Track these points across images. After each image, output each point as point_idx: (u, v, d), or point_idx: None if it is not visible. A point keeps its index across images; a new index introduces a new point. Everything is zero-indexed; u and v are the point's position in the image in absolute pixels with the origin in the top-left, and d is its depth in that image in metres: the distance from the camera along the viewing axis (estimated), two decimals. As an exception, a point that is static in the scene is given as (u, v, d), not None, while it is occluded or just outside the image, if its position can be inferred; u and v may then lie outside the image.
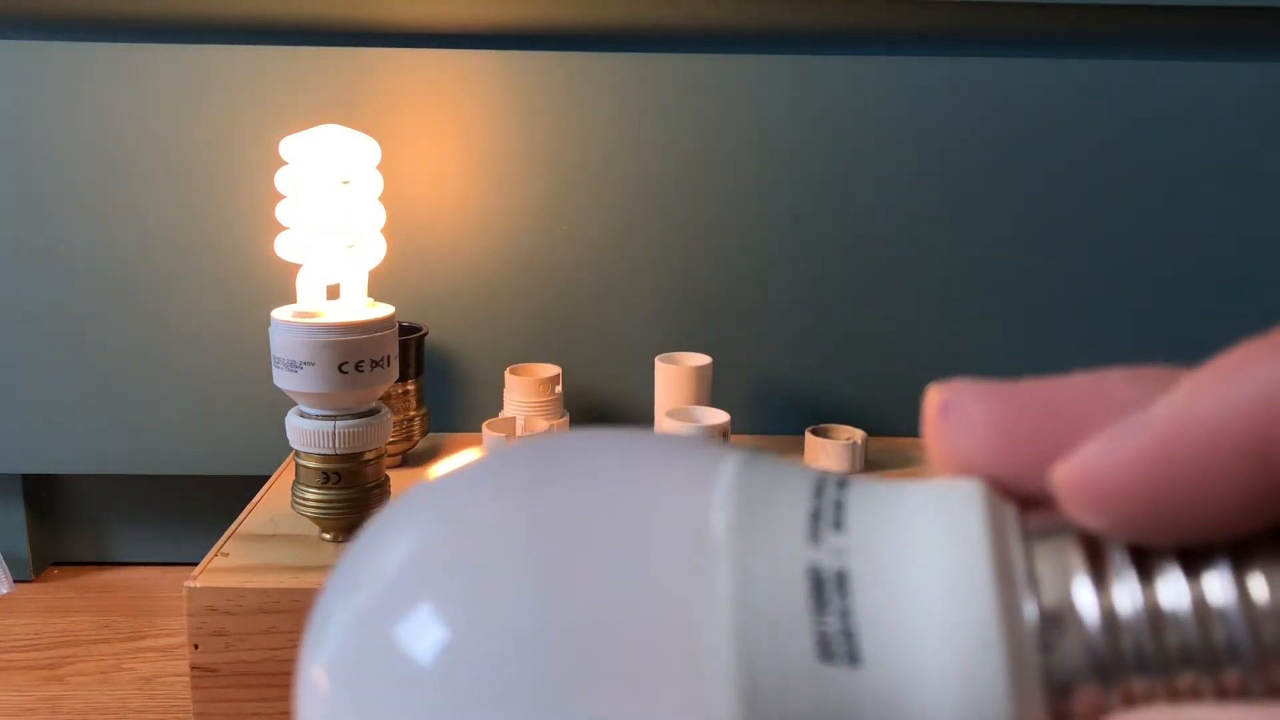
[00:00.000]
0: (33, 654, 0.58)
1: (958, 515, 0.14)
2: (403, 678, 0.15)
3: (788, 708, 0.13)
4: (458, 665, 0.14)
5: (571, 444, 0.17)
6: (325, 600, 0.17)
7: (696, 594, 0.14)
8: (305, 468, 0.48)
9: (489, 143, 0.62)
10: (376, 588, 0.16)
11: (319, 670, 0.16)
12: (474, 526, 0.16)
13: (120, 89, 0.61)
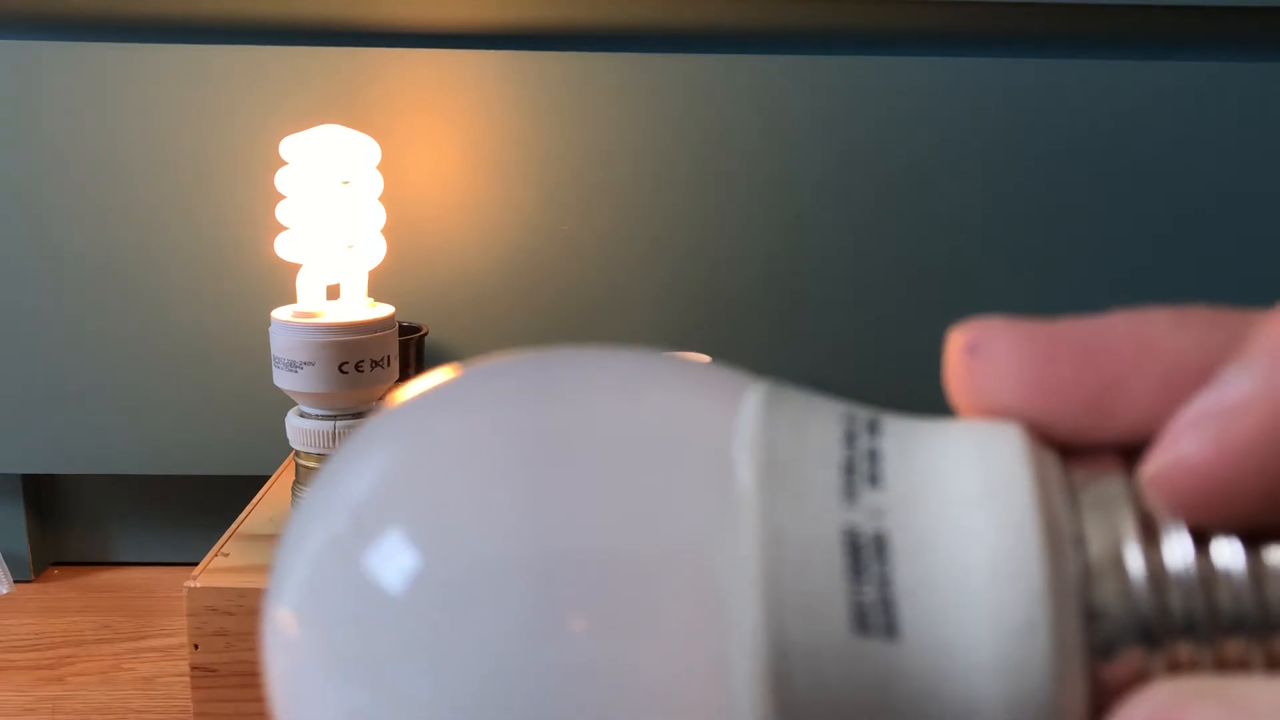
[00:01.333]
0: (33, 654, 0.58)
1: (1001, 472, 0.13)
2: (375, 611, 0.14)
3: (818, 682, 0.12)
4: (431, 595, 0.13)
5: (564, 359, 0.15)
6: (289, 536, 0.15)
7: (719, 548, 0.13)
8: (305, 468, 0.48)
9: (489, 143, 0.62)
10: (342, 516, 0.15)
11: (285, 612, 0.15)
12: (450, 444, 0.15)
13: (120, 89, 0.61)
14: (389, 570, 0.14)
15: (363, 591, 0.14)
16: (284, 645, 0.15)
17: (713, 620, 0.13)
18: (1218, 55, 0.63)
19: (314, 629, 0.14)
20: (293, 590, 0.15)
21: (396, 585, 0.13)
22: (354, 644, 0.14)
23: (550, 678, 0.13)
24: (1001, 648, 0.12)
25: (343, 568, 0.14)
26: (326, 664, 0.14)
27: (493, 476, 0.14)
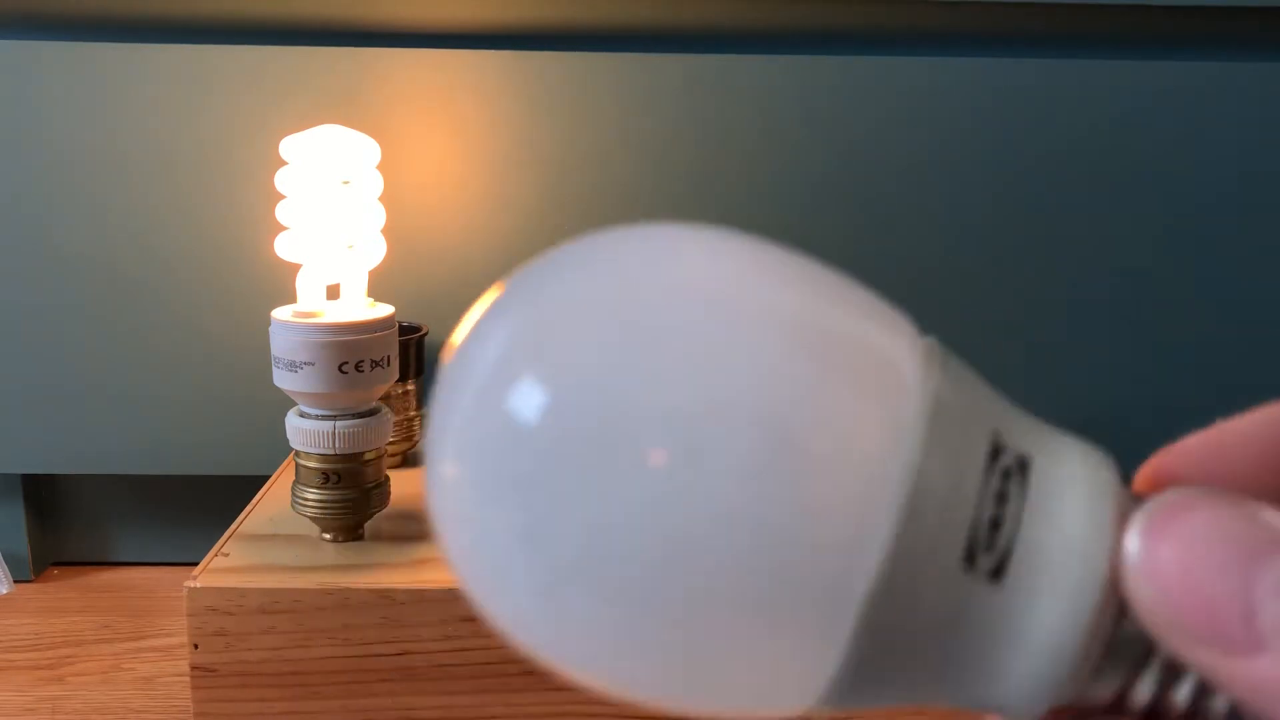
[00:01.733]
0: (33, 654, 0.58)
1: (1097, 474, 0.16)
2: (524, 447, 0.16)
3: (916, 596, 0.15)
4: (569, 425, 0.16)
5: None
6: (440, 397, 0.17)
7: (880, 429, 0.15)
8: (305, 468, 0.48)
9: (489, 143, 0.62)
10: (484, 371, 0.17)
11: (448, 465, 0.17)
12: (579, 302, 0.17)
13: (120, 89, 0.61)
14: (530, 408, 0.16)
15: (511, 427, 0.16)
16: (449, 492, 0.17)
17: (841, 494, 0.15)
18: (1218, 55, 0.63)
19: (472, 471, 0.17)
20: (451, 443, 0.17)
21: (538, 420, 0.16)
22: (512, 469, 0.16)
23: (686, 506, 0.15)
24: (1072, 611, 0.15)
25: (490, 414, 0.16)
26: (489, 494, 0.16)
27: (615, 333, 0.16)
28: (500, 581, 0.17)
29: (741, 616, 0.15)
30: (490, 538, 0.17)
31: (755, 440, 0.15)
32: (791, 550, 0.15)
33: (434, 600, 0.44)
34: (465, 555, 0.18)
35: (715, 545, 0.15)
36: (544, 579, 0.16)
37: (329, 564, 0.47)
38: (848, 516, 0.15)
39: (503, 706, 0.46)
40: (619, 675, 0.19)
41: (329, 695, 0.45)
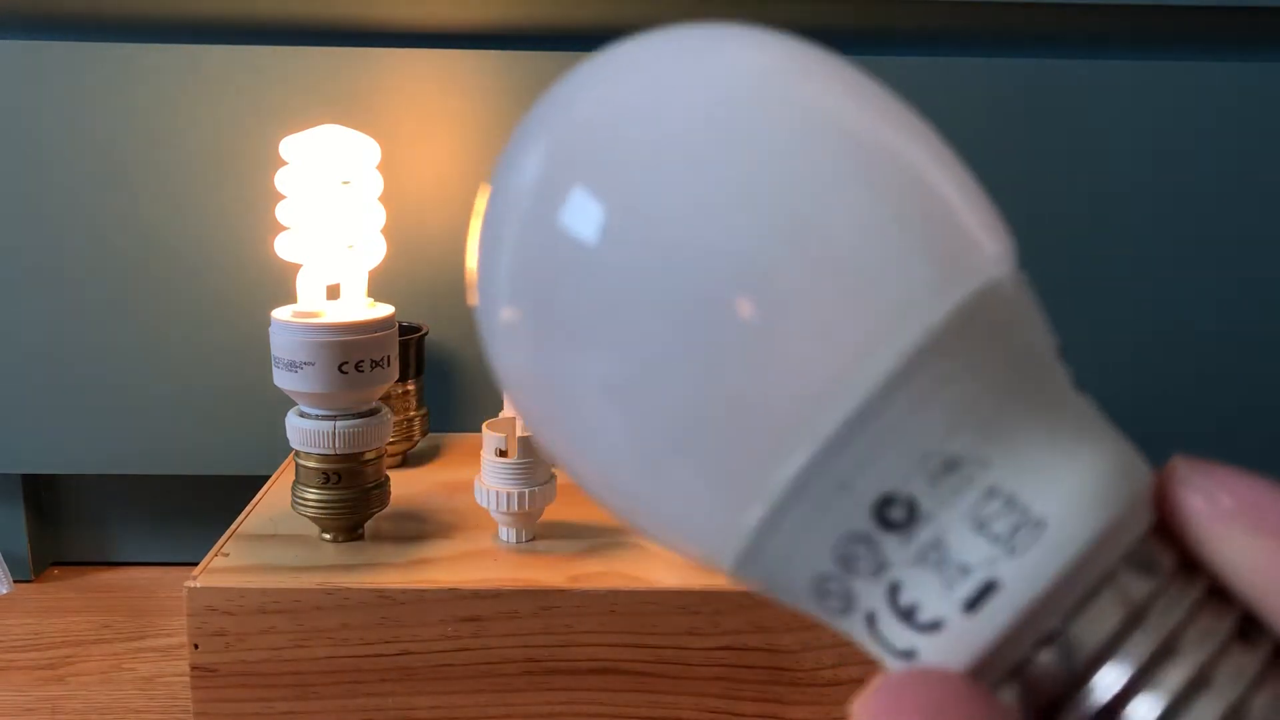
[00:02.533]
0: (33, 654, 0.58)
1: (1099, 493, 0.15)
2: (581, 264, 0.15)
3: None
4: (628, 235, 0.15)
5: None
6: (483, 242, 0.17)
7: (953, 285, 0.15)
8: (305, 468, 0.48)
9: (489, 143, 0.62)
10: (526, 199, 0.16)
11: (506, 310, 0.16)
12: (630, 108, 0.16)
13: (120, 89, 0.61)
14: (583, 224, 0.15)
15: (566, 250, 0.15)
16: (514, 336, 0.16)
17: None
18: (1218, 55, 0.63)
19: (532, 306, 0.16)
20: (505, 281, 0.16)
21: (593, 237, 0.15)
22: (572, 310, 0.15)
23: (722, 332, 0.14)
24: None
25: (543, 236, 0.15)
26: (550, 332, 0.16)
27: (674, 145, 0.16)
28: (577, 422, 0.16)
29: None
30: (566, 384, 0.16)
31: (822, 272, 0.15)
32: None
33: (433, 600, 0.44)
34: (535, 397, 0.17)
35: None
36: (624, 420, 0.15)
37: (329, 564, 0.47)
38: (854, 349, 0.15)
39: (502, 706, 0.46)
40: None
41: (329, 695, 0.45)
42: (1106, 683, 0.14)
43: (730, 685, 0.46)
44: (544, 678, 0.45)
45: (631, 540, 0.49)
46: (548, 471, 0.49)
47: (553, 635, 0.45)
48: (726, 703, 0.46)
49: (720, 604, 0.45)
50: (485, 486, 0.48)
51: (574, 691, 0.46)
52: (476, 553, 0.48)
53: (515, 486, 0.48)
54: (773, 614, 0.45)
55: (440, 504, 0.53)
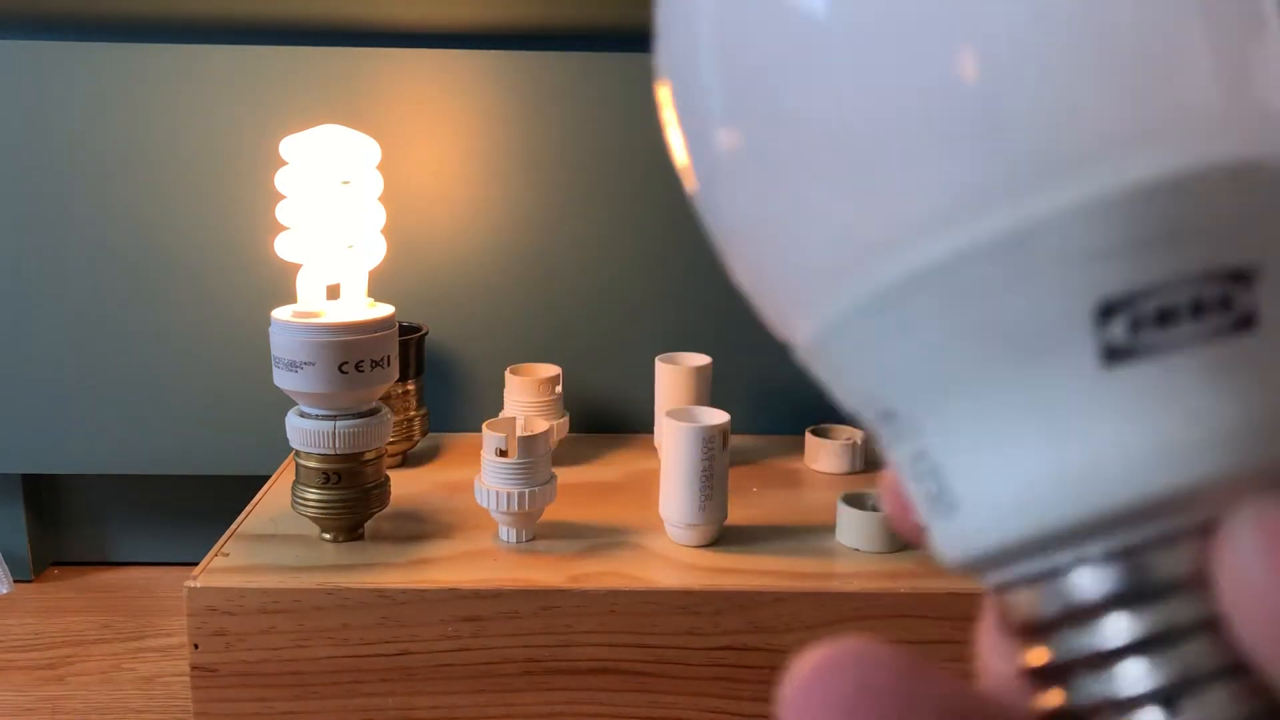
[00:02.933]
0: (33, 654, 0.58)
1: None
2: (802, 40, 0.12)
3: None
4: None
5: None
6: (672, 64, 0.14)
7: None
8: (305, 468, 0.48)
9: (489, 143, 0.62)
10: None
11: (725, 131, 0.14)
12: None
13: (120, 89, 0.61)
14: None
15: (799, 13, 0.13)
16: (735, 161, 0.14)
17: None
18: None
19: (753, 122, 0.13)
20: (719, 95, 0.14)
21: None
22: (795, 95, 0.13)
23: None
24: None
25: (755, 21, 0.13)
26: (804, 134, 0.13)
27: None
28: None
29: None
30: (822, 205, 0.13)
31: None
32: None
33: (433, 600, 0.44)
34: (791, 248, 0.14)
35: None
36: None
37: (329, 564, 0.47)
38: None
39: (502, 706, 0.46)
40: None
41: (328, 695, 0.45)
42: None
43: (730, 685, 0.46)
44: (544, 678, 0.45)
45: (631, 540, 0.49)
46: (548, 471, 0.49)
47: (553, 635, 0.45)
48: (726, 703, 0.46)
49: (720, 604, 0.45)
50: (485, 486, 0.48)
51: (574, 691, 0.46)
52: (476, 553, 0.48)
53: (515, 486, 0.48)
54: (773, 614, 0.45)
55: (440, 504, 0.53)
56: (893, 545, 0.49)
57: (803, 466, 0.60)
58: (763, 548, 0.49)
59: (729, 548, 0.49)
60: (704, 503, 0.48)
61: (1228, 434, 0.12)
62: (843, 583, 0.45)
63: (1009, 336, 0.13)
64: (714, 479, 0.48)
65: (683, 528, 0.49)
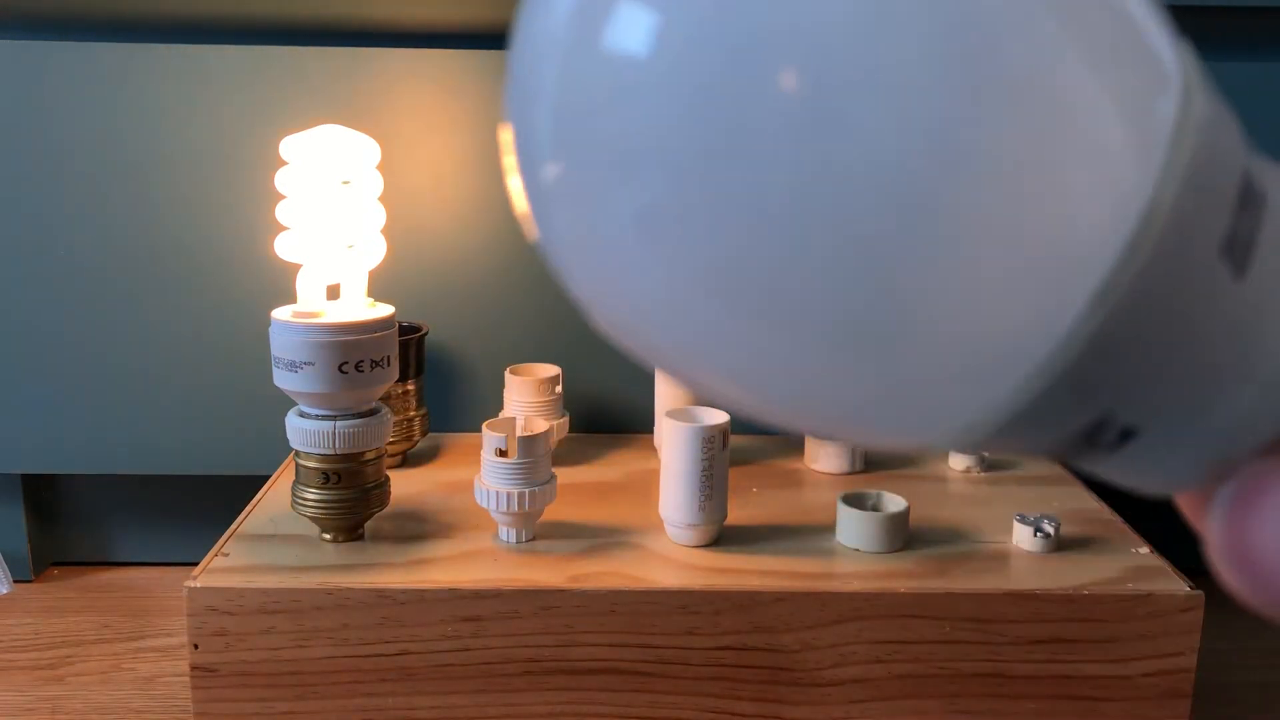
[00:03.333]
0: (33, 654, 0.58)
1: None
2: (633, 86, 0.13)
3: (1168, 273, 0.13)
4: (673, 49, 0.13)
5: None
6: (513, 89, 0.15)
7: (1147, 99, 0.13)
8: (305, 468, 0.48)
9: (489, 142, 0.62)
10: (563, 25, 0.14)
11: (550, 166, 0.14)
12: None
13: (120, 89, 0.61)
14: (634, 38, 0.13)
15: (616, 70, 0.13)
16: (560, 193, 0.14)
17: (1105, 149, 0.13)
18: (1218, 55, 0.63)
19: (571, 161, 0.14)
20: (547, 138, 0.14)
21: (647, 49, 0.13)
22: (621, 134, 0.13)
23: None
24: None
25: (587, 59, 0.13)
26: (605, 174, 0.14)
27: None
28: (624, 272, 0.14)
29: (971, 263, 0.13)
30: (608, 227, 0.14)
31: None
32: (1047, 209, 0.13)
33: (433, 600, 0.44)
34: (582, 254, 0.15)
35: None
36: (669, 261, 0.13)
37: (329, 564, 0.47)
38: (1125, 175, 0.13)
39: (502, 706, 0.46)
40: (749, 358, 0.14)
41: (328, 695, 0.45)
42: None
43: (730, 685, 0.46)
44: (544, 678, 0.45)
45: (631, 540, 0.49)
46: (548, 471, 0.49)
47: (553, 635, 0.45)
48: (726, 703, 0.46)
49: (720, 604, 0.45)
50: (485, 486, 0.48)
51: (574, 691, 0.46)
52: (476, 553, 0.48)
53: (515, 486, 0.48)
54: (773, 614, 0.45)
55: (440, 504, 0.53)
56: (893, 545, 0.49)
57: (803, 466, 0.60)
58: (763, 548, 0.49)
59: (729, 548, 0.49)
60: (704, 503, 0.48)
61: None
62: (843, 583, 0.45)
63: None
64: (714, 479, 0.48)
65: (683, 528, 0.49)
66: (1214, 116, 0.15)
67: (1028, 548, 0.49)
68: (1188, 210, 0.13)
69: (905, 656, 0.45)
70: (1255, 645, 0.60)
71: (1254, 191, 0.15)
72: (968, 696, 0.46)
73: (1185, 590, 0.45)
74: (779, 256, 0.13)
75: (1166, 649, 0.45)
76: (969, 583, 0.46)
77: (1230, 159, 0.15)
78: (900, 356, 0.13)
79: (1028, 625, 0.45)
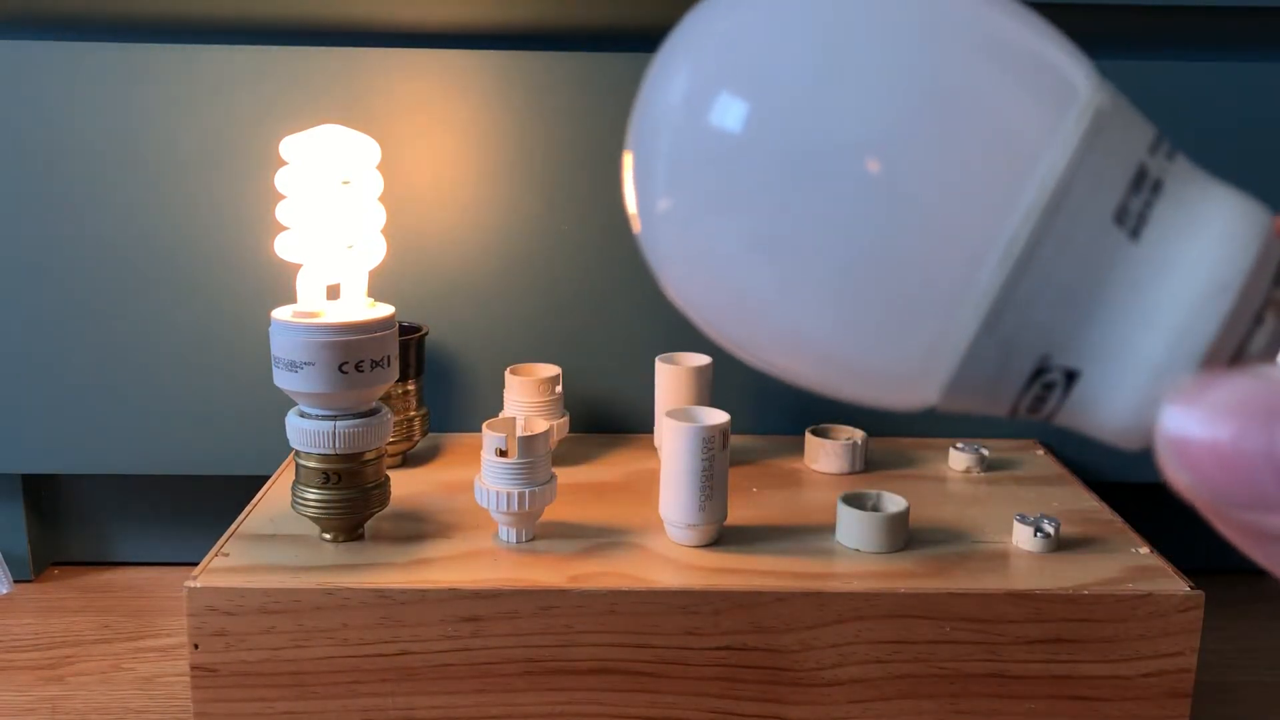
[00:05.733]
0: (33, 654, 0.58)
1: (1251, 214, 0.19)
2: (731, 158, 0.19)
3: (1068, 236, 0.18)
4: (772, 136, 0.19)
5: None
6: (637, 144, 0.21)
7: (1047, 114, 0.18)
8: (305, 468, 0.48)
9: (489, 143, 0.62)
10: (678, 104, 0.20)
11: (663, 201, 0.20)
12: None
13: (120, 89, 0.61)
14: (732, 120, 0.19)
15: (718, 140, 0.19)
16: (669, 225, 0.21)
17: (1014, 151, 0.18)
18: (1218, 55, 0.63)
19: (686, 196, 0.20)
20: (661, 179, 0.20)
21: (740, 130, 0.19)
22: (728, 183, 0.19)
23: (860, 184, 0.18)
24: (1196, 294, 0.18)
25: (698, 135, 0.20)
26: (713, 208, 0.20)
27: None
28: (734, 290, 0.20)
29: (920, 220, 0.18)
30: (717, 251, 0.20)
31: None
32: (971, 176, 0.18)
33: (433, 600, 0.44)
34: (693, 279, 0.21)
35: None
36: (775, 276, 0.19)
37: (329, 564, 0.47)
38: (1031, 144, 0.18)
39: (502, 706, 0.46)
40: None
41: (328, 695, 0.45)
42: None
43: (730, 685, 0.46)
44: (544, 678, 0.45)
45: (631, 540, 0.49)
46: (548, 471, 0.49)
47: (553, 635, 0.45)
48: (726, 703, 0.46)
49: (720, 604, 0.45)
50: (485, 486, 0.48)
51: (574, 691, 0.46)
52: (476, 553, 0.48)
53: (515, 486, 0.48)
54: (773, 614, 0.45)
55: (440, 504, 0.53)
56: (893, 545, 0.49)
57: (803, 466, 0.60)
58: (763, 548, 0.49)
59: (729, 548, 0.49)
60: (704, 503, 0.48)
61: None
62: (843, 583, 0.46)
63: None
64: (714, 479, 0.48)
65: (683, 528, 0.49)
66: (1107, 125, 0.19)
67: (1028, 548, 0.49)
68: (1078, 186, 0.18)
69: (905, 656, 0.45)
70: (1255, 645, 0.60)
71: (1148, 178, 0.19)
72: (968, 696, 0.46)
73: (1185, 590, 0.45)
74: (814, 247, 0.19)
75: (1166, 649, 0.45)
76: (969, 583, 0.46)
77: (1126, 152, 0.19)
78: (881, 301, 0.19)
79: (1028, 625, 0.45)
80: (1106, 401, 0.19)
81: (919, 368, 0.19)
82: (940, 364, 0.19)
